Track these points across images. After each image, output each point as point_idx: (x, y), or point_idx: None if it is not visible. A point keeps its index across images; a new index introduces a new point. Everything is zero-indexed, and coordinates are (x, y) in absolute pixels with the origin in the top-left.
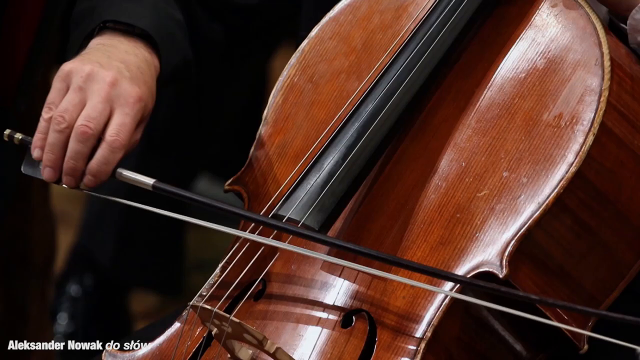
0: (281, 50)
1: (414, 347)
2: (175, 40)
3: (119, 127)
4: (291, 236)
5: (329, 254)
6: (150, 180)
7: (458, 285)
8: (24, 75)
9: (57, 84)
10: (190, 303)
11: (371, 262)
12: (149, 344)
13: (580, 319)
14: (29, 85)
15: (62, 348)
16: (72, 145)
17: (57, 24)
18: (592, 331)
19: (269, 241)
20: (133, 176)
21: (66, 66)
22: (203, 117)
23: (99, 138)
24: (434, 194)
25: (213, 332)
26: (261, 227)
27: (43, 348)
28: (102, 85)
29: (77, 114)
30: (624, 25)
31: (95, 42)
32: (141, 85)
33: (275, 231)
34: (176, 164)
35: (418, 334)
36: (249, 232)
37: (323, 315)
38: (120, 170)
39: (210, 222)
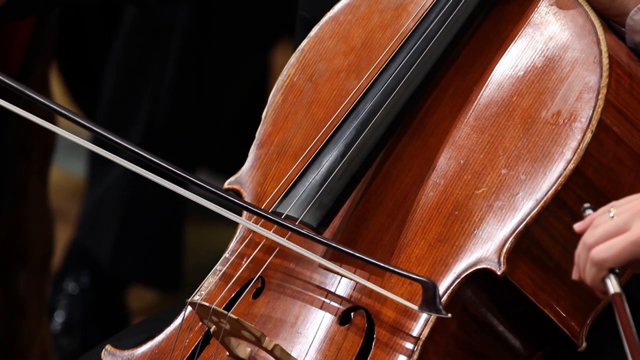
0: (282, 47)
1: (412, 344)
2: None
3: None
4: (289, 234)
5: (325, 252)
6: None
7: (453, 286)
8: (21, 73)
9: None
10: (189, 300)
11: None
12: (148, 342)
13: (578, 316)
14: (26, 83)
15: (60, 345)
16: None
17: (54, 21)
18: (590, 327)
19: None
20: None
21: None
22: (203, 114)
23: None
24: (432, 191)
25: (211, 330)
26: (261, 222)
27: (41, 345)
28: None
29: None
30: (617, 26)
31: None
32: None
33: (275, 227)
34: (175, 160)
35: (416, 331)
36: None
37: (321, 312)
38: None
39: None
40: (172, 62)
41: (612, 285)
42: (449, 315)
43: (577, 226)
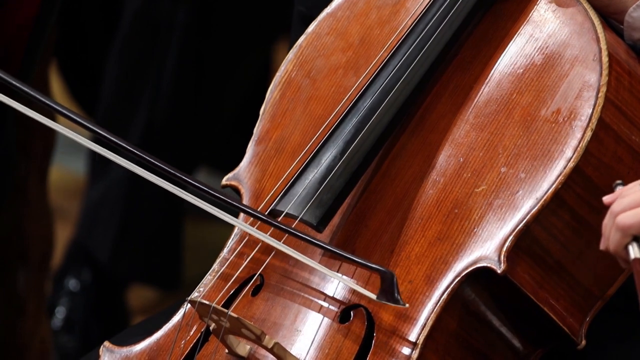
0: (283, 45)
1: (412, 343)
2: None
3: None
4: (286, 235)
5: (324, 253)
6: None
7: (453, 285)
8: (22, 70)
9: None
10: (188, 298)
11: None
12: (147, 339)
13: (578, 314)
14: (26, 81)
15: (60, 342)
16: None
17: (54, 19)
18: (590, 322)
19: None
20: None
21: None
22: (203, 112)
23: None
24: (432, 189)
25: (211, 328)
26: (257, 224)
27: (40, 343)
28: None
29: None
30: (616, 23)
31: None
32: None
33: (272, 229)
34: (175, 158)
35: (416, 330)
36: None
37: (321, 310)
38: None
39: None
40: (172, 60)
41: (634, 252)
42: (407, 305)
43: (606, 198)
